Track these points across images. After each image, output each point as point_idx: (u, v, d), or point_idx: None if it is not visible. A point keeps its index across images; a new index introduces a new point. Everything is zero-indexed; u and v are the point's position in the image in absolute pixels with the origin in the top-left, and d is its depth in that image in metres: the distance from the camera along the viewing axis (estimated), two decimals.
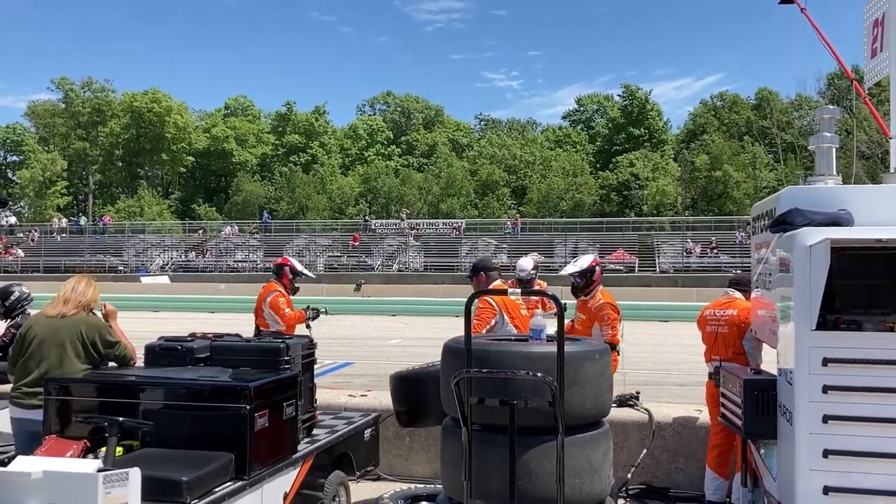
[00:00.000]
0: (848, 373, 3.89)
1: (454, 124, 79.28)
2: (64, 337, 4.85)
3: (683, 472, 6.54)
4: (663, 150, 67.83)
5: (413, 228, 49.50)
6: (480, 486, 3.15)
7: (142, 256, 46.78)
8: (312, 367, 5.44)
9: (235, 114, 75.95)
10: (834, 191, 4.46)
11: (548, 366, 3.06)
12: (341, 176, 68.44)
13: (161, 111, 67.81)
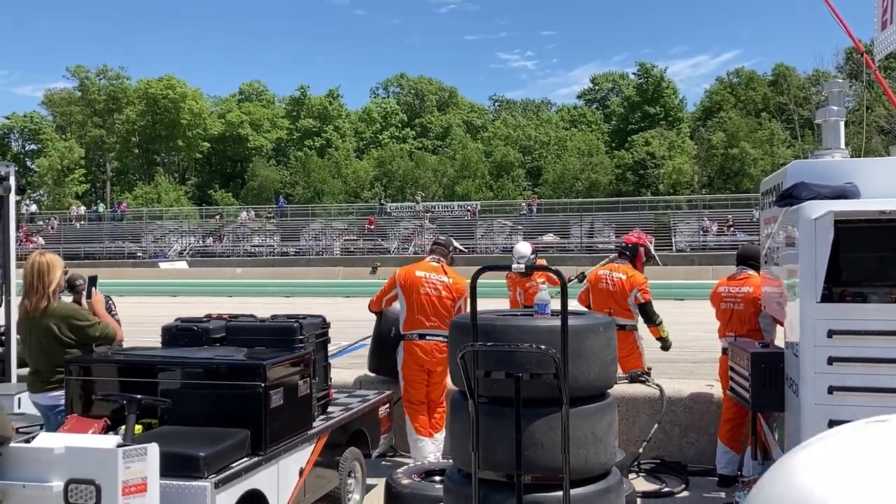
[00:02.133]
0: (853, 344, 3.93)
1: (468, 106, 79.07)
2: (38, 335, 4.79)
3: (695, 446, 6.60)
4: (679, 129, 67.33)
5: (428, 211, 49.55)
6: (488, 457, 3.22)
7: (160, 242, 47.21)
8: (326, 346, 5.54)
9: (250, 99, 76.14)
10: (840, 164, 4.48)
11: (552, 339, 3.11)
12: (356, 160, 68.55)
13: (176, 97, 68.09)
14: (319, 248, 44.24)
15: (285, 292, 24.88)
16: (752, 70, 68.73)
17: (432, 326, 6.22)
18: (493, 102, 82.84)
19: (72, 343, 4.79)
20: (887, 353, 3.89)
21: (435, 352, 6.21)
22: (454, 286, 6.32)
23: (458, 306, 6.27)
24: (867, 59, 6.21)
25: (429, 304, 6.26)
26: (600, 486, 3.29)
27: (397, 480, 5.10)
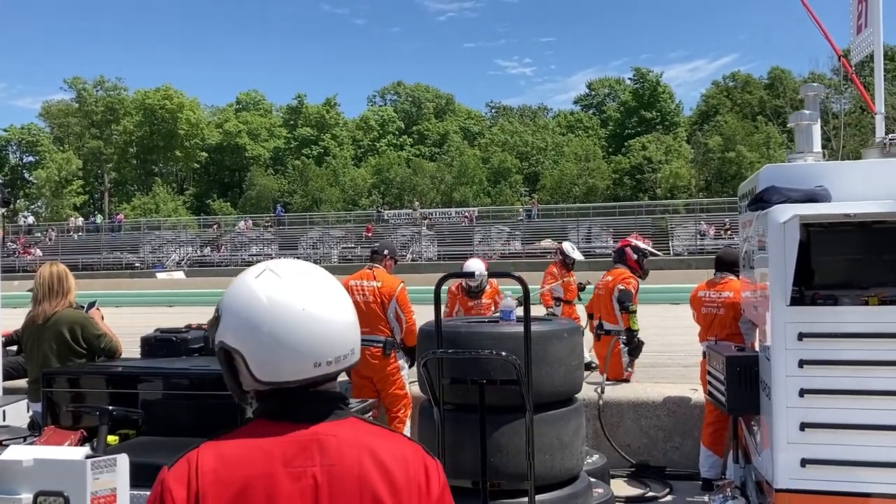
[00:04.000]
0: (823, 347, 3.94)
1: (465, 112, 79.20)
2: (49, 338, 4.89)
3: (679, 450, 6.60)
4: (676, 133, 67.40)
5: (425, 218, 49.59)
6: (454, 463, 3.24)
7: (157, 253, 47.23)
8: None
9: (247, 108, 76.25)
10: (811, 167, 4.49)
11: (516, 345, 3.14)
12: (353, 167, 68.62)
13: (173, 108, 68.21)
14: (317, 256, 44.23)
15: None
16: (748, 74, 68.95)
17: (365, 333, 6.22)
18: (490, 109, 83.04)
19: (81, 352, 4.91)
20: (857, 355, 3.90)
21: (369, 358, 6.16)
22: (382, 290, 6.29)
23: (391, 308, 6.22)
24: (844, 62, 6.24)
25: (361, 311, 6.28)
26: (567, 492, 3.31)
27: None
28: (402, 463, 1.54)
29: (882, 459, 3.84)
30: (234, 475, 1.49)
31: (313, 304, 1.56)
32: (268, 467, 1.50)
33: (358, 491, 1.50)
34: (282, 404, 1.55)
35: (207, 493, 1.48)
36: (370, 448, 1.53)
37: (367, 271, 6.53)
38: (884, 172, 4.30)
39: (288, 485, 1.49)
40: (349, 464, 1.51)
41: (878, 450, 3.86)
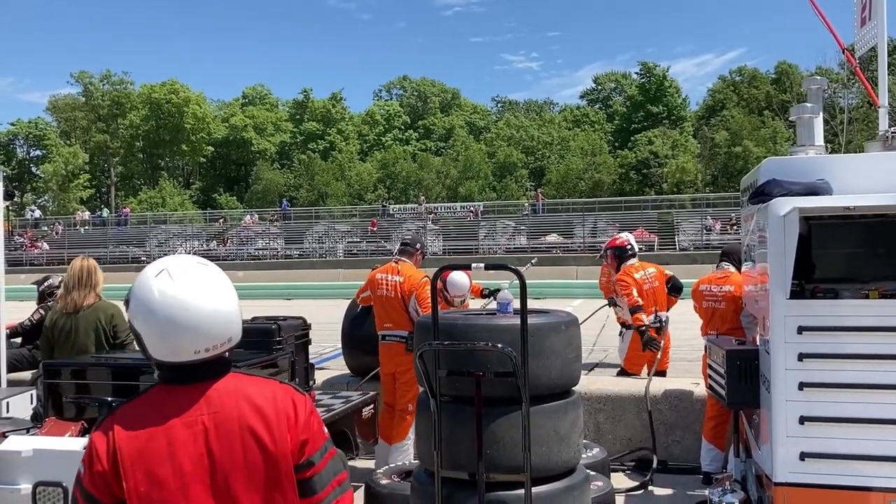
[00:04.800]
0: (822, 340, 3.93)
1: (471, 107, 79.08)
2: (86, 327, 5.17)
3: (680, 444, 6.60)
4: (682, 128, 67.17)
5: (431, 213, 49.57)
6: (451, 456, 3.24)
7: (164, 247, 47.27)
8: (307, 348, 5.56)
9: (253, 103, 76.28)
10: (812, 161, 4.48)
11: (513, 337, 3.14)
12: (359, 162, 68.63)
13: (179, 102, 68.29)
14: (323, 251, 44.29)
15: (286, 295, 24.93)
16: (755, 68, 68.56)
17: (389, 328, 6.21)
18: (496, 103, 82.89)
19: (110, 342, 5.24)
20: (857, 348, 3.89)
21: (395, 354, 6.14)
22: (403, 285, 6.22)
23: (412, 304, 6.14)
24: (848, 55, 6.21)
25: (385, 306, 6.26)
26: (564, 484, 3.30)
27: (377, 481, 5.12)
28: (271, 401, 1.99)
29: (881, 453, 3.84)
30: (139, 430, 1.91)
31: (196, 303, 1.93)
32: (166, 424, 1.92)
33: (238, 429, 1.94)
34: (174, 373, 1.97)
35: (122, 445, 1.90)
36: (245, 394, 1.98)
37: (392, 265, 6.47)
38: (885, 166, 4.28)
39: (183, 432, 1.92)
40: (229, 409, 1.95)
41: (877, 443, 3.85)
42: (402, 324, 6.12)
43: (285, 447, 1.98)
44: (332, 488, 2.08)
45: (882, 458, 3.84)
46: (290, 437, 1.98)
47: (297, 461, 2.01)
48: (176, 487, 1.90)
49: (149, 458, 1.90)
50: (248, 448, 1.95)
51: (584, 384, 6.89)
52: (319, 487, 2.05)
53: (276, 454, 1.96)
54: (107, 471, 1.90)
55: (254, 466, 1.95)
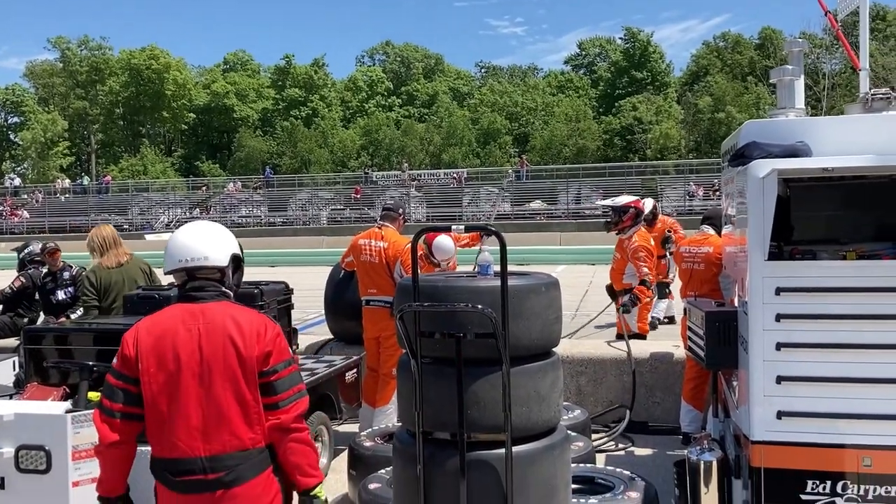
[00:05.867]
0: (800, 301, 3.96)
1: (455, 73, 78.50)
2: (132, 277, 6.27)
3: (661, 405, 6.70)
4: (666, 93, 67.11)
5: (414, 179, 49.41)
6: (432, 416, 3.26)
7: (146, 215, 46.97)
8: (289, 312, 5.56)
9: (235, 69, 75.32)
10: (792, 123, 4.48)
11: (493, 299, 3.14)
12: (342, 129, 68.14)
13: (160, 68, 67.31)
14: (306, 218, 44.13)
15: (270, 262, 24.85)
16: (739, 34, 68.37)
17: (373, 294, 6.21)
18: (480, 69, 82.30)
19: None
20: (834, 309, 3.93)
21: (379, 319, 6.15)
22: (387, 250, 6.23)
23: (397, 269, 6.15)
24: (830, 18, 6.20)
25: (369, 271, 6.26)
26: (544, 443, 3.33)
27: (360, 443, 5.17)
28: (248, 321, 2.82)
29: (855, 411, 3.90)
30: (155, 330, 2.78)
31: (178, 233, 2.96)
32: (174, 325, 2.77)
33: (221, 336, 2.75)
34: (182, 294, 2.89)
35: (141, 339, 2.77)
36: (230, 314, 2.82)
37: (376, 230, 6.45)
38: (864, 127, 4.29)
39: (184, 333, 2.75)
40: (218, 322, 2.77)
41: (851, 402, 3.91)
42: (386, 289, 6.12)
43: (253, 354, 2.75)
44: (292, 393, 2.83)
45: (856, 415, 3.90)
46: (257, 347, 2.76)
47: (263, 368, 2.77)
48: (174, 370, 2.71)
49: (159, 349, 2.73)
50: (227, 350, 2.73)
51: (566, 348, 6.96)
52: (281, 390, 2.79)
53: (246, 358, 2.74)
54: (132, 356, 2.75)
55: (229, 364, 2.73)
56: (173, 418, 2.70)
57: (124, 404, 2.74)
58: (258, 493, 2.76)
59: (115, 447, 2.75)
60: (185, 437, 2.70)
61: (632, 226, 7.46)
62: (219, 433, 2.70)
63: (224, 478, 2.70)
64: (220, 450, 2.71)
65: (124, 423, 2.74)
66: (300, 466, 2.83)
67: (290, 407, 2.80)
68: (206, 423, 2.70)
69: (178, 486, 2.72)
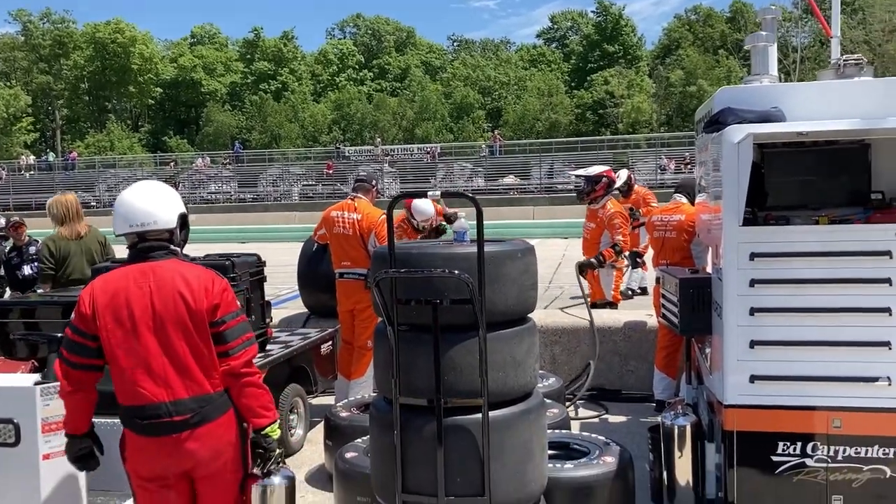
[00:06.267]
0: (773, 266, 3.99)
1: (427, 46, 77.84)
2: (88, 250, 6.40)
3: (634, 374, 6.76)
4: (638, 67, 67.19)
5: (387, 155, 49.11)
6: (409, 382, 3.25)
7: (114, 191, 46.07)
8: (262, 285, 5.50)
9: (202, 42, 74.02)
10: (766, 89, 4.48)
11: (469, 265, 3.12)
12: (313, 103, 67.39)
13: (125, 42, 65.88)
14: (277, 194, 43.68)
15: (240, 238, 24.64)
16: (710, 7, 68.56)
17: (347, 266, 6.16)
18: (452, 42, 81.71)
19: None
20: (806, 273, 3.97)
21: (353, 291, 6.11)
22: (361, 222, 6.17)
23: (371, 241, 6.09)
24: None
25: (342, 244, 6.20)
26: (520, 408, 3.34)
27: (336, 414, 5.15)
28: (196, 276, 3.04)
29: (826, 374, 3.95)
30: (109, 288, 3.00)
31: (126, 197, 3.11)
32: (126, 283, 2.99)
33: (171, 292, 2.97)
34: (133, 254, 3.09)
35: (97, 297, 2.99)
36: (179, 271, 3.04)
37: (349, 202, 6.38)
38: (837, 93, 4.30)
39: (136, 290, 2.98)
40: (168, 278, 2.99)
41: (822, 365, 3.96)
42: (360, 261, 6.07)
43: (202, 307, 2.98)
44: (241, 341, 3.07)
45: (826, 378, 3.95)
46: (206, 301, 2.99)
47: (213, 319, 3.00)
48: (130, 326, 2.94)
49: (114, 307, 2.95)
50: (178, 305, 2.96)
51: (540, 318, 6.97)
52: (231, 339, 3.03)
53: (196, 311, 2.97)
54: (88, 313, 2.97)
55: (181, 318, 2.96)
56: (135, 369, 2.94)
57: (81, 356, 2.98)
58: (221, 431, 3.02)
59: (75, 394, 3.02)
60: (149, 386, 2.93)
61: (604, 195, 7.44)
62: (180, 380, 2.95)
63: (190, 420, 2.95)
64: (183, 395, 2.95)
65: (83, 373, 2.99)
66: (252, 408, 3.07)
67: (240, 354, 3.04)
68: (167, 372, 2.95)
69: (147, 429, 2.96)
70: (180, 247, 3.18)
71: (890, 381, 3.88)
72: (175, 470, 2.98)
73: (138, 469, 3.02)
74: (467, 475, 3.20)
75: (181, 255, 3.19)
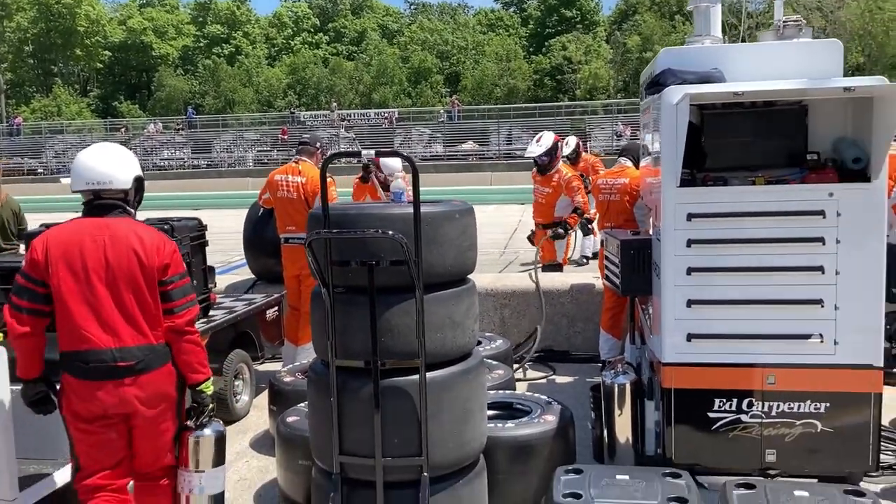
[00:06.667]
0: (710, 226, 4.05)
1: (383, 9, 76.72)
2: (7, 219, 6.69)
3: (582, 335, 6.84)
4: (595, 33, 67.12)
5: (343, 119, 48.53)
6: (345, 345, 3.23)
7: (62, 157, 44.90)
8: (204, 249, 5.41)
9: (152, 4, 71.85)
10: (707, 50, 4.51)
11: (406, 226, 3.09)
12: (268, 67, 66.13)
13: (70, 2, 63.57)
14: (232, 160, 42.96)
15: (193, 205, 24.20)
16: None
17: (292, 231, 6.09)
18: (409, 6, 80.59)
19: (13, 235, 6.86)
20: (741, 233, 4.04)
21: (299, 257, 6.03)
22: (305, 185, 6.10)
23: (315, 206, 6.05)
24: None
25: (287, 208, 6.13)
26: (459, 368, 3.35)
27: (280, 379, 5.12)
28: (149, 236, 3.25)
29: (761, 332, 4.04)
30: (62, 239, 3.18)
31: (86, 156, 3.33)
32: (81, 236, 3.17)
33: (125, 247, 3.17)
34: (88, 210, 3.29)
35: (50, 246, 3.16)
36: (133, 229, 3.25)
37: (293, 165, 6.28)
38: (776, 54, 4.35)
39: (90, 243, 3.16)
40: (122, 235, 3.19)
41: (757, 323, 4.05)
42: (305, 226, 5.99)
43: (153, 264, 3.19)
44: (186, 301, 3.29)
45: (761, 336, 4.04)
46: (157, 259, 3.19)
47: (162, 278, 3.21)
48: (83, 276, 3.12)
49: (68, 257, 3.13)
50: (131, 260, 3.15)
51: (490, 281, 7.01)
52: (176, 298, 3.26)
53: (147, 267, 3.17)
54: (40, 260, 3.14)
55: (133, 272, 3.15)
56: (85, 316, 3.11)
57: (31, 302, 3.14)
58: (161, 381, 3.22)
59: (24, 338, 3.15)
60: (97, 332, 3.11)
61: (558, 162, 7.62)
62: (127, 329, 3.14)
63: (134, 367, 3.14)
64: (129, 343, 3.14)
65: (31, 318, 3.14)
66: (190, 364, 3.31)
67: (184, 312, 3.28)
68: (115, 321, 3.13)
69: (92, 373, 3.12)
70: (134, 208, 3.38)
71: (822, 338, 3.99)
72: (116, 412, 3.15)
73: (79, 411, 3.15)
74: (404, 436, 3.20)
75: (134, 215, 3.37)
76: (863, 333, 3.97)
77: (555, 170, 7.58)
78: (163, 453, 3.31)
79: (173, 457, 3.35)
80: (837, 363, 4.00)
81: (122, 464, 3.26)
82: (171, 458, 3.34)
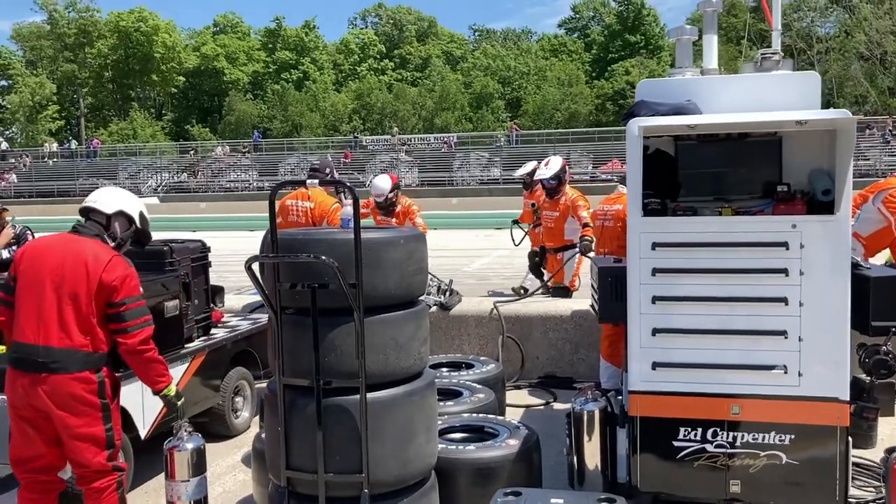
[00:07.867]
0: (675, 256, 4.07)
1: (448, 36, 77.78)
2: None
3: (585, 361, 6.85)
4: (659, 57, 66.54)
5: (404, 144, 49.22)
6: (293, 364, 3.40)
7: (135, 179, 46.83)
8: (206, 270, 5.65)
9: (224, 31, 74.58)
10: (682, 82, 4.54)
11: (348, 251, 3.25)
12: (334, 92, 67.68)
13: (148, 30, 66.63)
14: None
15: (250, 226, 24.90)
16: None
17: None
18: (474, 32, 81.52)
19: None
20: (706, 263, 4.04)
21: None
22: (314, 210, 6.31)
23: None
24: None
25: None
26: (403, 390, 3.47)
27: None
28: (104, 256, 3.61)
29: (725, 362, 4.03)
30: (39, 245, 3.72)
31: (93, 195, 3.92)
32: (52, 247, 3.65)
33: (79, 260, 3.56)
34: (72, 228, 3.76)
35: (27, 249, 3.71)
36: (93, 248, 3.63)
37: (303, 191, 6.53)
38: (750, 86, 4.37)
39: (56, 253, 3.60)
40: (82, 250, 3.60)
41: (721, 352, 4.04)
42: None
43: (95, 279, 3.54)
44: (138, 322, 3.63)
45: (726, 366, 4.02)
46: (104, 276, 3.55)
47: (113, 300, 3.57)
48: (41, 279, 3.54)
49: (35, 261, 3.59)
50: (79, 272, 3.53)
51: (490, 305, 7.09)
52: (128, 319, 3.59)
53: (90, 281, 3.53)
54: (17, 260, 3.67)
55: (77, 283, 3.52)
56: (29, 313, 3.53)
57: (4, 293, 3.65)
58: (75, 385, 3.51)
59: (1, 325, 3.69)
60: (32, 328, 3.52)
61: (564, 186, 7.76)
62: (56, 332, 3.50)
63: (50, 364, 3.48)
64: (54, 344, 3.49)
65: (3, 307, 3.65)
66: (149, 376, 3.77)
67: (136, 333, 3.62)
68: (50, 322, 3.50)
69: (18, 363, 3.54)
70: (115, 238, 3.83)
71: (786, 370, 3.96)
72: (32, 404, 3.51)
73: (9, 397, 3.59)
74: (346, 453, 3.34)
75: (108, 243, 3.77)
76: (827, 366, 3.92)
77: (561, 193, 7.70)
78: (84, 455, 3.56)
79: (104, 460, 3.60)
80: (802, 395, 3.96)
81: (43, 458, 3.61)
82: (99, 461, 3.59)
